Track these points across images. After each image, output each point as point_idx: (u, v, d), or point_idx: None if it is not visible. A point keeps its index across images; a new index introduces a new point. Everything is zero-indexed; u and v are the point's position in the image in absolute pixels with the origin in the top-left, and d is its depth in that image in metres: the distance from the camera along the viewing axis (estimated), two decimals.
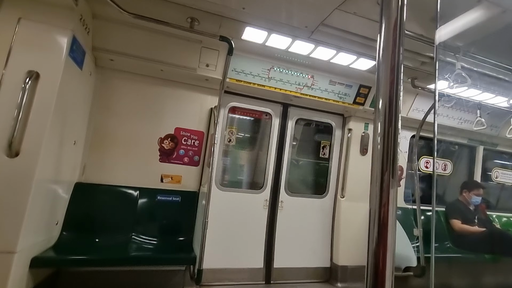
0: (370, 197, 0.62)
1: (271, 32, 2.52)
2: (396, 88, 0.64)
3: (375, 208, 0.61)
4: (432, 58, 2.79)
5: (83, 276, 2.42)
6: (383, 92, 0.65)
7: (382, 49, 0.66)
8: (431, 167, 4.13)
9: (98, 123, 2.71)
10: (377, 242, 0.60)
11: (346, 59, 2.85)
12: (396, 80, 0.64)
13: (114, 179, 2.71)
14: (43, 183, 1.98)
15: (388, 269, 0.58)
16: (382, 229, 0.60)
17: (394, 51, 0.65)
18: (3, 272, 1.71)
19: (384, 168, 0.62)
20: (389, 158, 0.62)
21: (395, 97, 0.64)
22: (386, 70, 0.65)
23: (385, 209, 0.60)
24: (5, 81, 1.82)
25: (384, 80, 0.65)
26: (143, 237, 2.61)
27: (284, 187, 3.41)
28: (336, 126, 3.69)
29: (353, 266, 3.35)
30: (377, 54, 0.66)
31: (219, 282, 2.98)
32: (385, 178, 0.61)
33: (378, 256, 0.60)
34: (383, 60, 0.66)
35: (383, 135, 0.62)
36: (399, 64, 0.65)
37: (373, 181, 0.63)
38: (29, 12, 1.91)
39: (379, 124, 0.63)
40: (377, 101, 0.65)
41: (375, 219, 0.61)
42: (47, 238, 2.19)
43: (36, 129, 1.86)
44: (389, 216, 0.60)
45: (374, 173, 0.63)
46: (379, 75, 0.66)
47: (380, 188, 0.61)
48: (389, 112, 0.63)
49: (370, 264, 0.60)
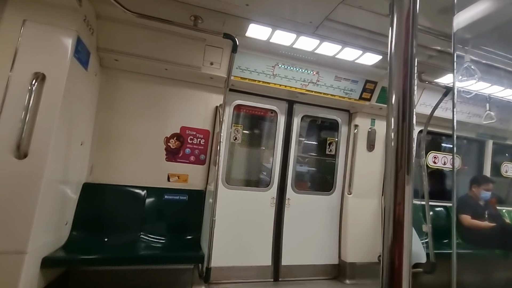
0: (384, 195, 0.61)
1: (275, 29, 2.49)
2: (410, 82, 0.62)
3: (390, 205, 0.59)
4: (440, 52, 2.74)
5: (93, 275, 2.45)
6: (396, 87, 0.63)
7: (394, 42, 0.64)
8: (439, 162, 4.07)
9: (104, 123, 2.73)
10: (393, 241, 0.58)
11: (351, 54, 2.81)
12: (410, 74, 0.62)
13: (121, 178, 2.73)
14: (51, 184, 2.00)
15: (405, 268, 0.57)
16: (397, 227, 0.58)
17: (407, 43, 0.63)
18: (15, 272, 1.74)
19: (398, 165, 0.60)
20: (403, 155, 0.60)
21: (409, 91, 0.62)
22: (398, 63, 0.63)
23: (401, 207, 0.58)
24: (12, 83, 1.84)
25: (396, 74, 0.63)
26: (151, 236, 2.62)
27: (290, 185, 3.39)
28: (342, 123, 3.66)
29: (361, 263, 3.33)
30: (389, 47, 0.64)
31: (227, 280, 2.99)
32: (399, 175, 0.60)
33: (394, 255, 0.58)
34: (396, 54, 0.64)
35: (396, 130, 0.61)
36: (413, 57, 0.63)
37: (387, 178, 0.61)
38: (34, 13, 1.92)
39: (392, 119, 0.61)
40: (389, 96, 0.63)
41: (390, 217, 0.59)
42: (57, 238, 2.22)
43: (43, 131, 1.87)
44: (405, 214, 0.58)
45: (388, 170, 0.61)
46: (392, 69, 0.64)
47: (395, 186, 0.59)
48: (403, 107, 0.61)
49: (386, 263, 0.59)
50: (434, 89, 3.31)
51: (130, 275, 2.52)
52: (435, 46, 2.66)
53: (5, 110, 1.81)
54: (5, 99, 1.81)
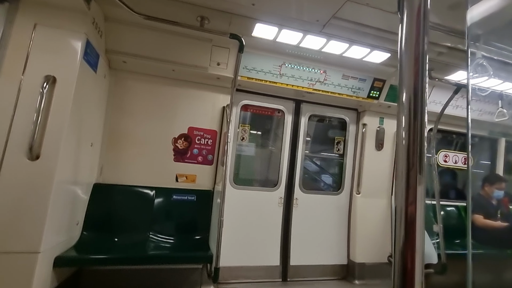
0: (395, 194, 0.60)
1: (281, 28, 2.48)
2: (421, 80, 0.61)
3: (401, 205, 0.59)
4: (450, 48, 2.68)
5: (104, 275, 2.48)
6: (406, 84, 0.62)
7: (404, 39, 0.63)
8: (450, 160, 3.99)
9: (113, 124, 2.76)
10: (405, 242, 0.57)
11: (359, 52, 2.78)
12: (421, 71, 0.61)
13: (130, 179, 2.76)
14: (63, 185, 2.04)
15: (417, 270, 0.56)
16: (409, 228, 0.57)
17: (417, 40, 0.62)
18: (28, 272, 1.78)
19: (410, 164, 0.59)
20: (415, 154, 0.59)
21: (420, 89, 0.61)
22: (409, 61, 0.62)
23: (413, 207, 0.57)
24: (24, 86, 1.88)
25: (407, 72, 0.62)
26: (160, 236, 2.65)
27: (298, 184, 3.38)
28: (350, 121, 3.62)
29: (371, 263, 3.29)
30: (399, 45, 0.63)
31: (236, 279, 3.00)
32: (411, 174, 0.59)
33: (406, 256, 0.57)
34: (406, 51, 0.63)
35: (408, 129, 0.60)
36: (424, 54, 0.62)
37: (398, 178, 0.60)
38: (44, 17, 1.96)
39: (403, 117, 0.60)
40: (400, 94, 0.62)
41: (402, 217, 0.58)
42: (69, 238, 2.26)
43: (54, 132, 1.91)
44: (417, 214, 0.57)
45: (400, 170, 0.60)
46: (402, 67, 0.63)
47: (407, 186, 0.58)
48: (414, 105, 0.60)
49: (397, 264, 0.58)
50: (444, 87, 3.24)
51: (140, 274, 2.56)
52: (445, 42, 2.61)
53: (18, 113, 1.85)
54: (17, 102, 1.86)
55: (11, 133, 1.82)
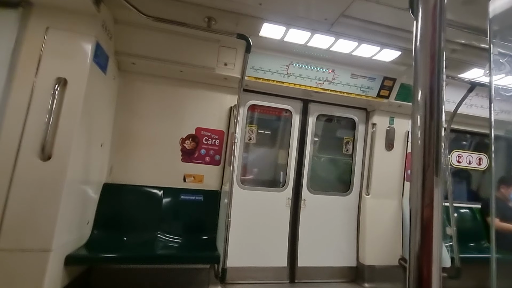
0: (410, 196, 0.58)
1: (289, 27, 2.46)
2: (438, 78, 0.59)
3: (417, 208, 0.56)
4: (464, 45, 2.60)
5: (113, 273, 2.52)
6: (422, 83, 0.59)
7: (419, 36, 0.61)
8: (464, 161, 3.88)
9: (122, 125, 2.80)
10: (421, 246, 0.55)
11: (368, 50, 2.73)
12: (438, 69, 0.59)
13: (139, 179, 2.79)
14: (74, 184, 2.07)
15: (434, 277, 0.53)
16: (425, 231, 0.55)
17: (434, 36, 0.60)
18: (40, 269, 1.81)
19: (426, 166, 0.57)
20: (431, 154, 0.57)
21: (437, 87, 0.58)
22: (425, 58, 0.60)
23: (429, 210, 0.55)
24: (36, 88, 1.92)
25: (423, 69, 0.60)
26: (168, 236, 2.66)
27: (306, 185, 3.34)
28: (359, 121, 3.57)
29: (381, 266, 3.22)
30: (414, 41, 0.61)
31: (243, 280, 2.99)
32: (427, 176, 0.56)
33: (422, 261, 0.55)
34: (421, 48, 0.61)
35: (423, 129, 0.57)
36: (441, 51, 0.59)
37: (413, 179, 0.58)
38: (56, 21, 2.00)
39: (418, 117, 0.58)
40: (415, 92, 0.60)
41: (418, 221, 0.56)
42: (79, 236, 2.30)
43: (66, 133, 1.94)
44: (434, 217, 0.55)
45: (415, 171, 0.58)
46: (417, 64, 0.60)
47: (422, 187, 0.56)
48: (430, 104, 0.58)
49: (413, 268, 0.56)
50: (458, 85, 3.15)
51: (148, 273, 2.58)
52: (458, 39, 2.53)
53: (31, 114, 1.89)
54: (30, 104, 1.90)
55: (24, 134, 1.87)
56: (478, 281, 3.21)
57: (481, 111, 3.50)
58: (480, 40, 2.46)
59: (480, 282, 3.21)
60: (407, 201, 3.26)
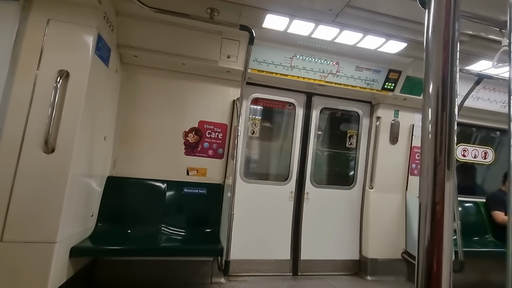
0: (420, 191, 0.56)
1: (293, 18, 2.41)
2: (450, 68, 0.56)
3: (426, 203, 0.55)
4: (471, 36, 2.54)
5: (118, 265, 2.55)
6: (434, 74, 0.57)
7: (432, 25, 0.58)
8: (469, 155, 3.84)
9: (125, 118, 2.79)
10: (430, 241, 0.54)
11: (373, 42, 2.68)
12: (451, 60, 0.56)
13: (142, 172, 2.80)
14: (77, 177, 2.08)
15: (445, 273, 0.52)
16: (436, 226, 0.54)
17: (447, 24, 0.57)
18: (46, 261, 1.84)
19: (437, 159, 0.55)
20: (443, 148, 0.55)
21: (449, 78, 0.56)
22: (437, 48, 0.57)
23: (441, 205, 0.53)
24: (39, 81, 1.91)
25: (435, 60, 0.57)
26: (172, 229, 2.68)
27: (309, 179, 3.33)
28: (363, 115, 3.53)
29: (383, 259, 3.23)
30: (425, 31, 0.59)
31: (246, 273, 3.01)
32: (438, 170, 0.55)
33: (432, 257, 0.54)
34: (434, 37, 0.58)
35: (435, 122, 0.55)
36: (454, 41, 0.57)
37: (423, 173, 0.56)
38: (57, 12, 1.97)
39: (429, 110, 0.56)
40: (426, 84, 0.58)
41: (428, 215, 0.55)
42: (84, 229, 2.32)
43: (69, 126, 1.94)
44: (445, 212, 0.53)
45: (425, 165, 0.56)
46: (428, 55, 0.58)
47: (434, 181, 0.54)
48: (442, 95, 0.56)
49: (422, 265, 0.54)
50: (464, 77, 3.09)
51: (152, 266, 2.61)
52: (466, 30, 2.47)
53: (34, 107, 1.89)
54: (33, 97, 1.90)
55: (28, 127, 1.87)
56: (481, 275, 3.21)
57: (488, 104, 3.44)
58: (489, 31, 2.39)
59: (483, 275, 3.21)
60: (412, 195, 3.26)
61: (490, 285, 3.22)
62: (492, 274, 3.24)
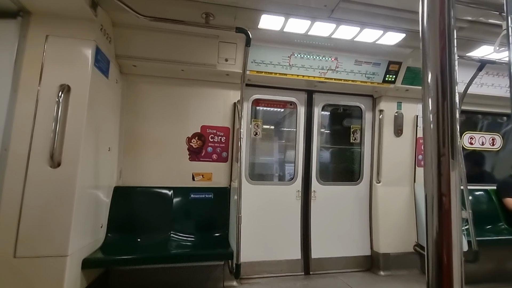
0: (425, 182, 0.55)
1: (288, 17, 2.41)
2: (448, 56, 0.56)
3: (432, 194, 0.54)
4: (471, 22, 2.50)
5: (130, 275, 2.56)
6: (432, 63, 0.56)
7: (426, 14, 0.57)
8: (476, 142, 3.78)
9: (128, 128, 2.81)
10: (439, 232, 0.53)
11: (371, 35, 2.66)
12: (448, 47, 0.55)
13: (148, 180, 2.81)
14: (85, 189, 2.10)
15: (455, 264, 0.51)
16: (444, 217, 0.52)
17: (442, 11, 0.56)
18: (59, 274, 1.85)
19: (440, 150, 0.54)
20: (446, 137, 0.54)
21: (448, 66, 0.55)
22: (433, 36, 0.57)
23: (447, 196, 0.52)
24: (41, 96, 1.94)
25: (432, 48, 0.57)
26: (181, 235, 2.69)
27: (315, 176, 3.32)
28: (366, 109, 3.50)
29: (396, 253, 3.19)
30: (420, 20, 0.58)
31: (258, 274, 3.00)
32: (442, 160, 0.54)
33: (441, 247, 0.52)
34: (429, 25, 0.57)
35: (436, 111, 0.54)
36: (451, 28, 0.56)
37: (427, 164, 0.55)
38: (55, 28, 2.00)
39: (429, 99, 0.55)
40: (424, 74, 0.57)
41: (434, 207, 0.54)
42: (94, 240, 2.34)
43: (73, 139, 1.96)
44: (452, 202, 0.52)
45: (428, 156, 0.55)
46: (425, 44, 0.57)
47: (438, 171, 0.53)
48: (442, 84, 0.55)
49: (432, 256, 0.53)
50: (466, 64, 3.05)
51: (164, 273, 2.61)
52: (465, 16, 2.44)
53: (38, 123, 1.92)
54: (36, 112, 1.92)
55: (33, 143, 1.89)
56: (497, 263, 3.15)
57: (493, 90, 3.39)
58: (489, 15, 2.36)
59: (499, 264, 3.15)
60: (420, 187, 3.22)
61: (507, 273, 3.15)
62: (509, 262, 3.17)
